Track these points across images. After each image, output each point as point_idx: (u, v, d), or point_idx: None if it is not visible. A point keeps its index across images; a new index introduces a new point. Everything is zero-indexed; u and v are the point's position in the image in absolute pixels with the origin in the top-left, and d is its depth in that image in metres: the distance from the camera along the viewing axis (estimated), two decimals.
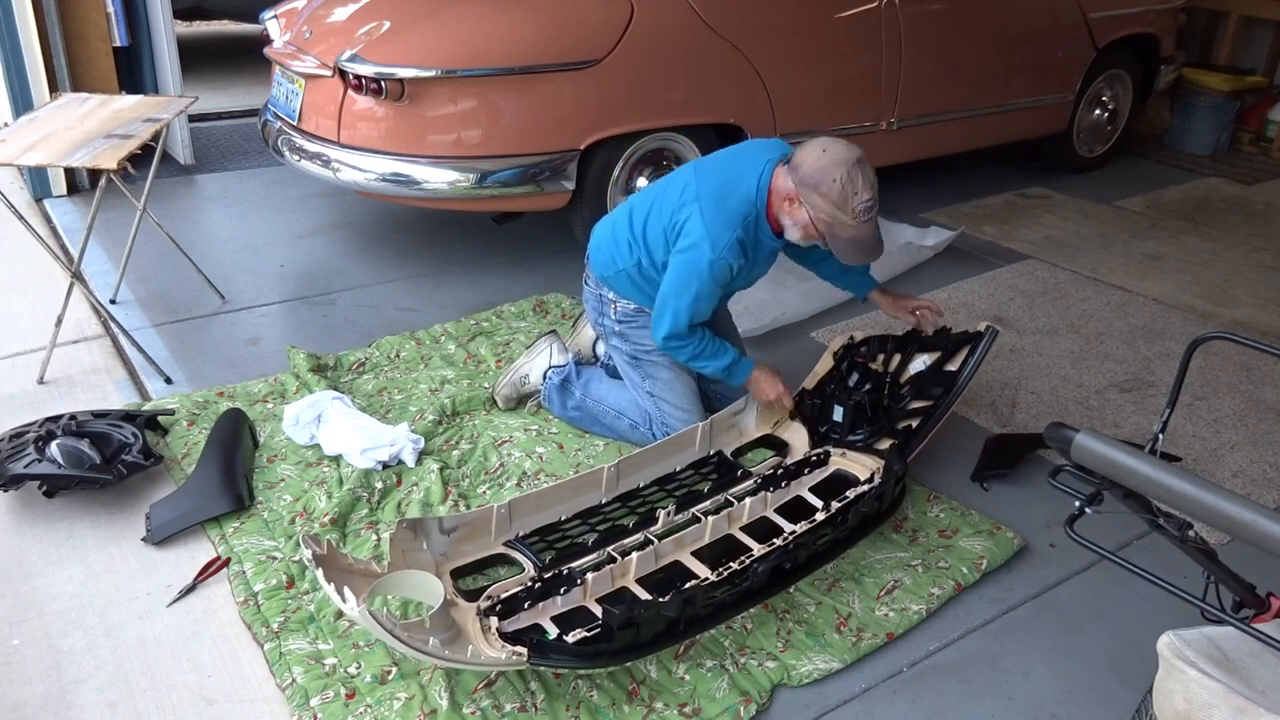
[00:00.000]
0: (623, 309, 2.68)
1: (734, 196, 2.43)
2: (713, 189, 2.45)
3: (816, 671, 2.04)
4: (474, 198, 3.51)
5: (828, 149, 2.33)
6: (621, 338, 2.71)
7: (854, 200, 2.30)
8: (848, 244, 2.38)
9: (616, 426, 2.76)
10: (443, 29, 3.50)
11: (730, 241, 2.40)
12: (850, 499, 2.37)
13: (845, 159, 2.31)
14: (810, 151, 2.34)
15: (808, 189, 2.32)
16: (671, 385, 2.69)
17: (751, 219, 2.42)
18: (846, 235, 2.36)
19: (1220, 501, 1.18)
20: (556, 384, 2.83)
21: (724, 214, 2.41)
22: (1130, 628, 2.22)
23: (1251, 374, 3.33)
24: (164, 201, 4.33)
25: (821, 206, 2.32)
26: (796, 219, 2.39)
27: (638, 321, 2.67)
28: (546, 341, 2.91)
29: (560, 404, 2.83)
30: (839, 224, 2.33)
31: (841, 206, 2.31)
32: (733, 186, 2.44)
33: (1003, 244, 4.39)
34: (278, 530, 2.38)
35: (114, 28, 4.56)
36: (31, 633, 2.07)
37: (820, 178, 2.30)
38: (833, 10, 4.02)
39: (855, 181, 2.30)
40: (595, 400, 2.77)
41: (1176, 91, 5.88)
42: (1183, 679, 1.28)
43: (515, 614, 2.05)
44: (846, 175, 2.29)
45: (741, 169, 2.47)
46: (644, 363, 2.70)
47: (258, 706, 1.93)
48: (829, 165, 2.30)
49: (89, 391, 2.94)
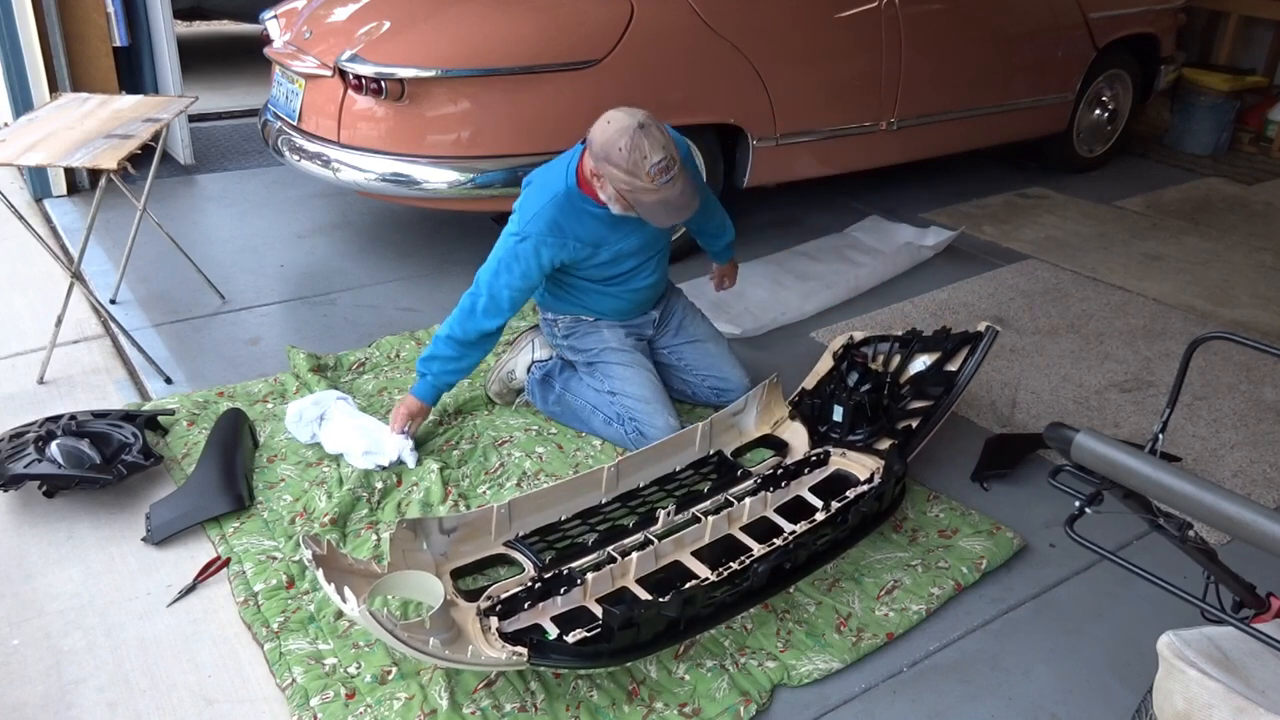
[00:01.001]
0: (563, 324, 2.81)
1: (544, 181, 2.56)
2: (543, 171, 2.60)
3: (816, 671, 2.04)
4: (474, 198, 3.51)
5: (611, 120, 2.38)
6: (571, 349, 2.82)
7: (645, 164, 2.33)
8: (654, 207, 2.42)
9: (591, 422, 2.77)
10: (443, 29, 3.50)
11: (533, 216, 2.50)
12: (850, 499, 2.37)
13: (627, 126, 2.34)
14: (597, 126, 2.40)
15: (601, 162, 2.39)
16: (628, 380, 2.72)
17: (560, 195, 2.50)
18: (650, 200, 2.39)
19: (1220, 501, 1.18)
20: (539, 379, 2.85)
21: (532, 197, 2.55)
22: (1130, 628, 2.22)
23: (1251, 374, 3.33)
24: (164, 201, 4.33)
25: (618, 177, 2.37)
26: (607, 193, 2.46)
27: (579, 330, 2.78)
28: (529, 336, 2.93)
29: (542, 399, 2.86)
30: (639, 189, 2.37)
31: (635, 173, 2.34)
32: (547, 172, 2.58)
33: (1003, 244, 4.39)
34: (278, 530, 2.38)
35: (114, 28, 4.56)
36: (31, 633, 2.07)
37: (609, 150, 2.35)
38: (833, 10, 4.02)
39: (641, 146, 2.32)
40: (574, 395, 2.79)
41: (1176, 91, 5.88)
42: (1183, 679, 1.28)
43: (515, 614, 2.05)
44: (631, 142, 2.32)
45: (555, 162, 2.60)
46: (597, 365, 2.77)
47: (258, 706, 1.93)
48: (613, 136, 2.34)
49: (89, 391, 2.94)
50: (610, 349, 2.75)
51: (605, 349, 2.75)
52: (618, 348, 2.76)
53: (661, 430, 2.65)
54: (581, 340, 2.79)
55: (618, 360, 2.74)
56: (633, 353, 2.77)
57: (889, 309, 3.69)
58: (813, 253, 4.12)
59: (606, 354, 2.75)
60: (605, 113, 2.42)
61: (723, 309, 3.48)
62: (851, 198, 4.77)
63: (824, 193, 4.78)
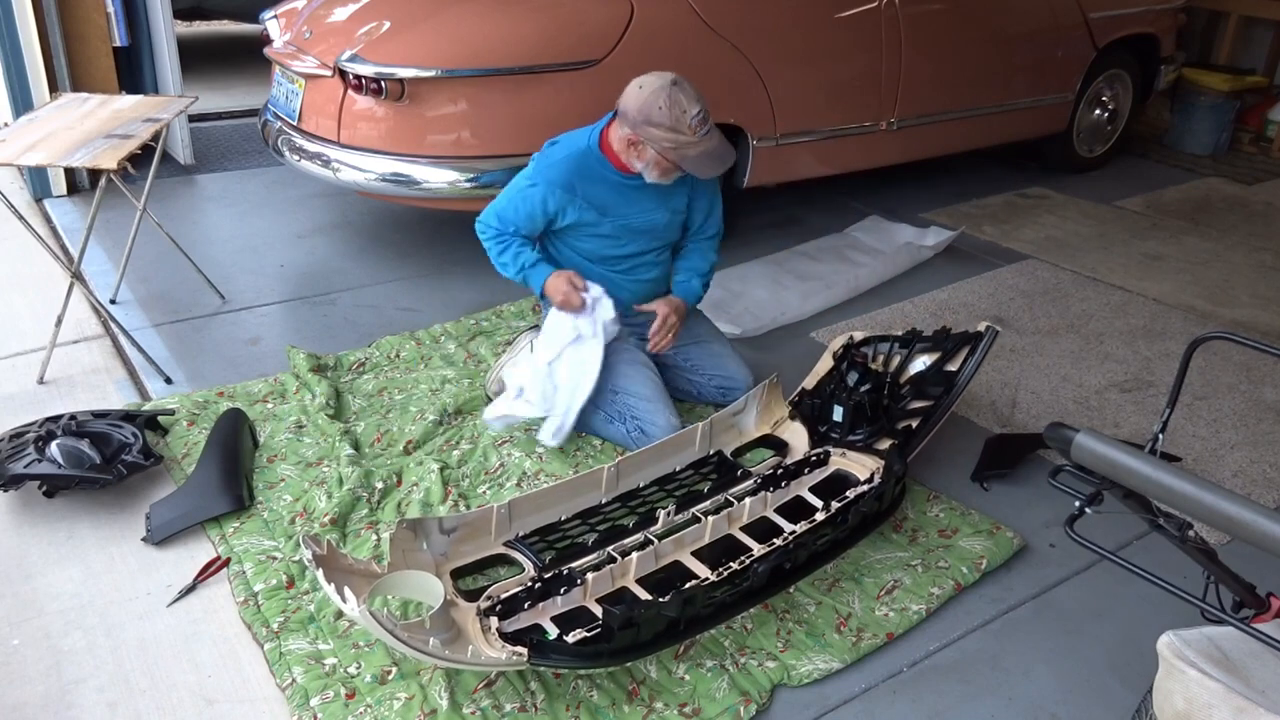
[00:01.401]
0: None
1: (567, 139, 2.65)
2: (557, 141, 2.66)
3: (816, 671, 2.04)
4: (474, 198, 3.50)
5: (643, 84, 2.47)
6: None
7: (686, 118, 2.43)
8: (699, 160, 2.50)
9: (592, 420, 2.76)
10: (442, 29, 3.50)
11: (548, 165, 2.58)
12: (850, 499, 2.37)
13: (661, 85, 2.44)
14: (628, 94, 2.49)
15: (642, 126, 2.46)
16: (630, 378, 2.72)
17: (580, 151, 2.58)
18: (695, 153, 2.48)
19: (1220, 501, 1.18)
20: None
21: (554, 148, 2.63)
22: (1130, 628, 2.22)
23: (1251, 374, 3.33)
24: (164, 201, 4.33)
25: (660, 136, 2.45)
26: (645, 159, 2.53)
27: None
28: (527, 336, 2.93)
29: None
30: (684, 144, 2.46)
31: (677, 128, 2.43)
32: (568, 136, 2.66)
33: (1003, 244, 4.39)
34: (278, 530, 2.38)
35: (114, 28, 4.56)
36: (31, 633, 2.07)
37: (648, 111, 2.43)
38: (833, 10, 4.02)
39: (680, 102, 2.42)
40: None
41: (1176, 91, 5.88)
42: (1183, 679, 1.28)
43: (515, 614, 2.05)
44: (669, 99, 2.42)
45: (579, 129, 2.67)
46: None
47: (258, 706, 1.93)
48: (650, 97, 2.44)
49: (89, 391, 2.94)
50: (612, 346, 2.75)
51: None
52: (620, 345, 2.75)
53: (663, 429, 2.65)
54: None
55: (619, 358, 2.74)
56: (635, 351, 2.77)
57: (889, 309, 3.69)
58: (813, 253, 4.12)
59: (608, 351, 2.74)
60: (631, 81, 2.49)
61: (723, 309, 3.48)
62: (851, 198, 4.77)
63: (824, 193, 4.78)
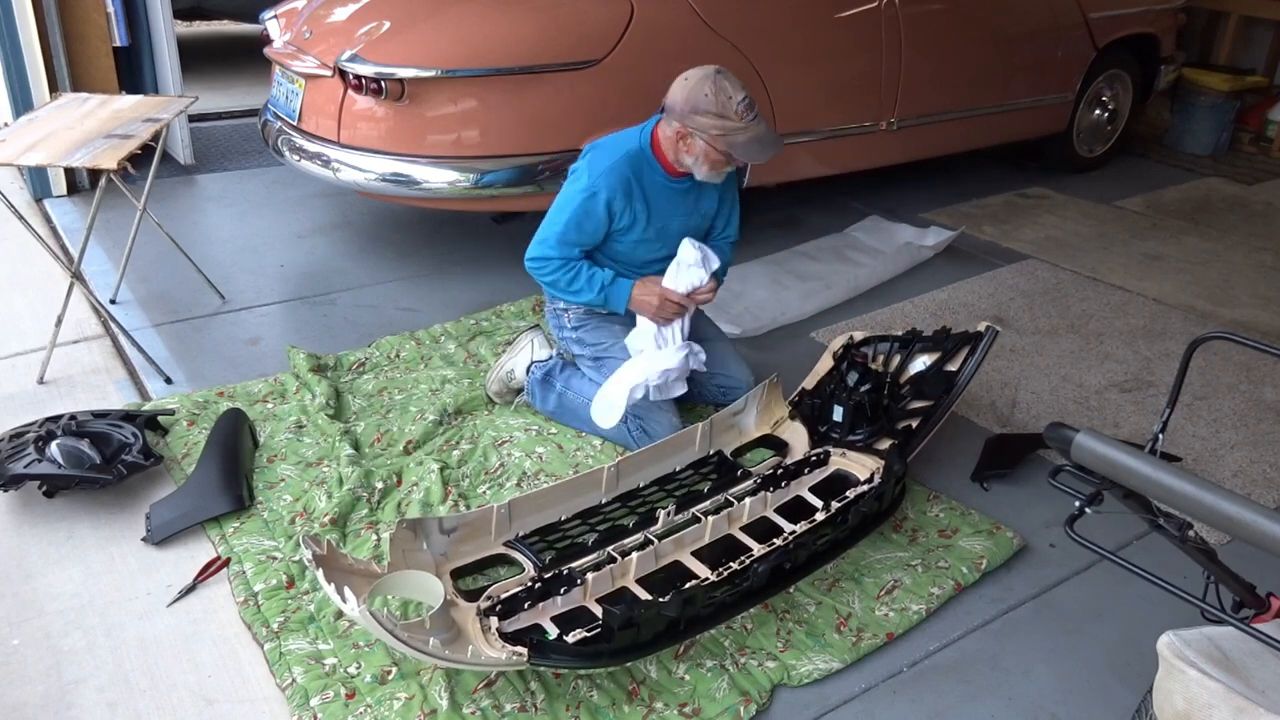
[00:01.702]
0: (575, 315, 2.80)
1: (616, 142, 2.64)
2: (600, 145, 2.67)
3: (816, 671, 2.04)
4: (474, 198, 3.51)
5: (687, 76, 2.51)
6: (580, 342, 2.81)
7: (732, 104, 2.46)
8: (749, 145, 2.51)
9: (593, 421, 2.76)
10: (442, 29, 3.50)
11: (606, 169, 2.55)
12: (850, 499, 2.37)
13: (706, 75, 2.48)
14: (674, 88, 2.53)
15: (689, 115, 2.48)
16: None
17: (634, 152, 2.59)
18: (743, 139, 2.50)
19: (1220, 501, 1.18)
20: (539, 378, 2.84)
21: (605, 152, 2.61)
22: (1130, 628, 2.22)
23: (1251, 374, 3.33)
24: (164, 201, 4.33)
25: (708, 124, 2.47)
26: (694, 151, 2.54)
27: (590, 323, 2.79)
28: (528, 336, 2.93)
29: (541, 399, 2.85)
30: (732, 130, 2.48)
31: (725, 114, 2.46)
32: (616, 138, 2.67)
33: (1003, 244, 4.39)
34: (278, 530, 2.38)
35: (114, 28, 4.56)
36: (31, 633, 2.07)
37: (695, 100, 2.47)
38: (833, 10, 4.02)
39: (724, 89, 2.46)
40: (575, 393, 2.79)
41: (1176, 91, 5.88)
42: (1183, 679, 1.28)
43: (515, 614, 2.05)
44: (715, 87, 2.46)
45: (627, 130, 2.68)
46: (606, 361, 2.76)
47: (258, 706, 1.93)
48: (695, 86, 2.48)
49: (89, 391, 2.94)
50: (620, 345, 2.75)
51: (615, 344, 2.75)
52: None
53: (666, 429, 2.65)
54: (592, 334, 2.78)
55: (626, 357, 2.73)
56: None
57: (889, 309, 3.69)
58: (813, 253, 4.12)
59: (616, 349, 2.75)
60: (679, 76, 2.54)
61: (723, 309, 3.48)
62: (851, 198, 4.77)
63: (824, 193, 4.78)
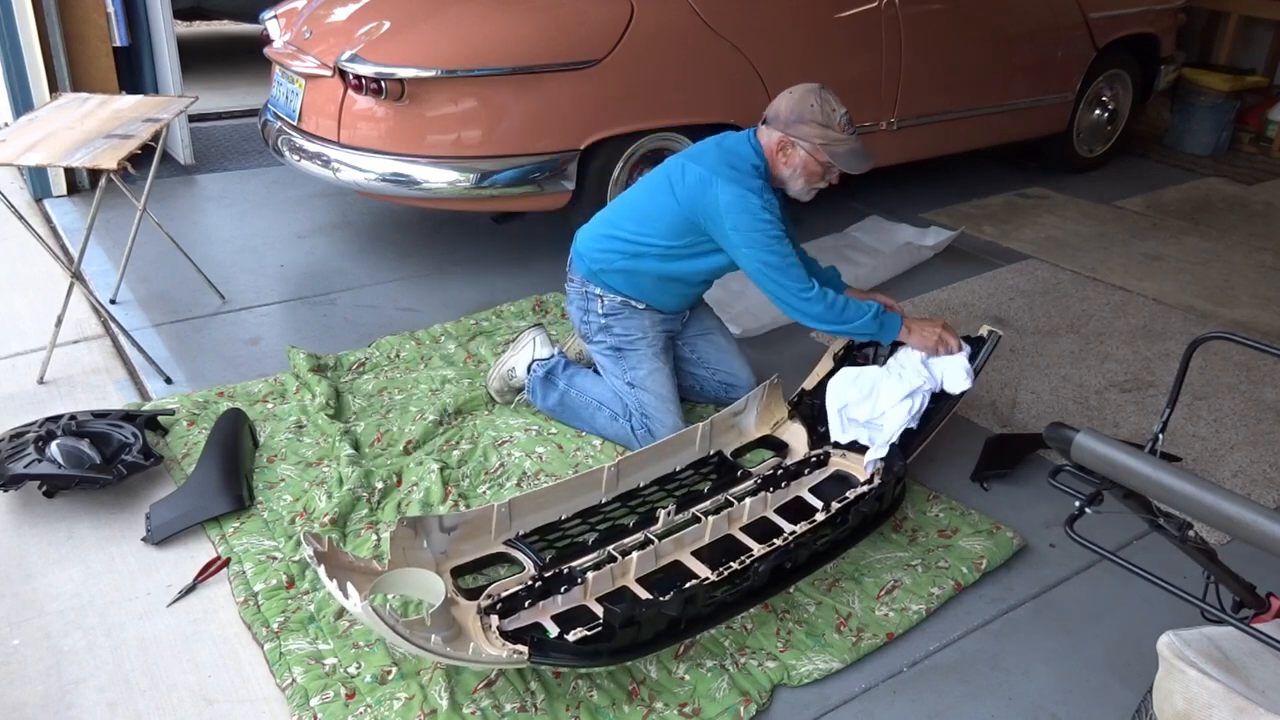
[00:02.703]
0: (609, 302, 2.76)
1: (740, 158, 2.60)
2: (720, 163, 2.59)
3: (816, 671, 2.04)
4: (474, 198, 3.51)
5: (793, 91, 2.59)
6: (605, 330, 2.77)
7: (835, 116, 2.55)
8: (849, 156, 2.59)
9: (595, 419, 2.76)
10: (442, 29, 3.50)
11: (761, 186, 2.57)
12: (850, 499, 2.37)
13: (811, 89, 2.57)
14: (780, 100, 2.60)
15: (795, 124, 2.55)
16: (653, 374, 2.73)
17: (763, 170, 2.60)
18: (844, 149, 2.58)
19: (1220, 501, 1.18)
20: (541, 376, 2.84)
21: (743, 170, 2.58)
22: (1130, 628, 2.22)
23: (1251, 374, 3.33)
24: (164, 201, 4.33)
25: (813, 133, 2.54)
26: (794, 162, 2.60)
27: (624, 313, 2.75)
28: (530, 334, 2.93)
29: (542, 396, 2.84)
30: (835, 141, 2.56)
31: (829, 124, 2.55)
32: (733, 154, 2.61)
33: (1003, 244, 4.39)
34: (278, 530, 2.38)
35: (114, 28, 4.56)
36: (31, 633, 2.07)
37: (801, 110, 2.55)
38: (833, 10, 4.02)
39: (829, 102, 2.56)
40: (578, 391, 2.79)
41: (1176, 91, 5.88)
42: (1183, 679, 1.28)
43: (516, 613, 2.06)
44: (820, 98, 2.55)
45: (730, 142, 2.65)
46: (626, 353, 2.75)
47: (258, 706, 1.93)
48: (800, 98, 2.56)
49: (89, 391, 2.94)
50: (646, 339, 2.75)
51: (642, 338, 2.75)
52: (653, 340, 2.76)
53: (670, 430, 2.65)
54: (622, 323, 2.75)
55: (650, 352, 2.74)
56: (662, 347, 2.78)
57: None
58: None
59: (640, 344, 2.74)
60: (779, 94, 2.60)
61: (723, 309, 3.47)
62: (851, 198, 4.77)
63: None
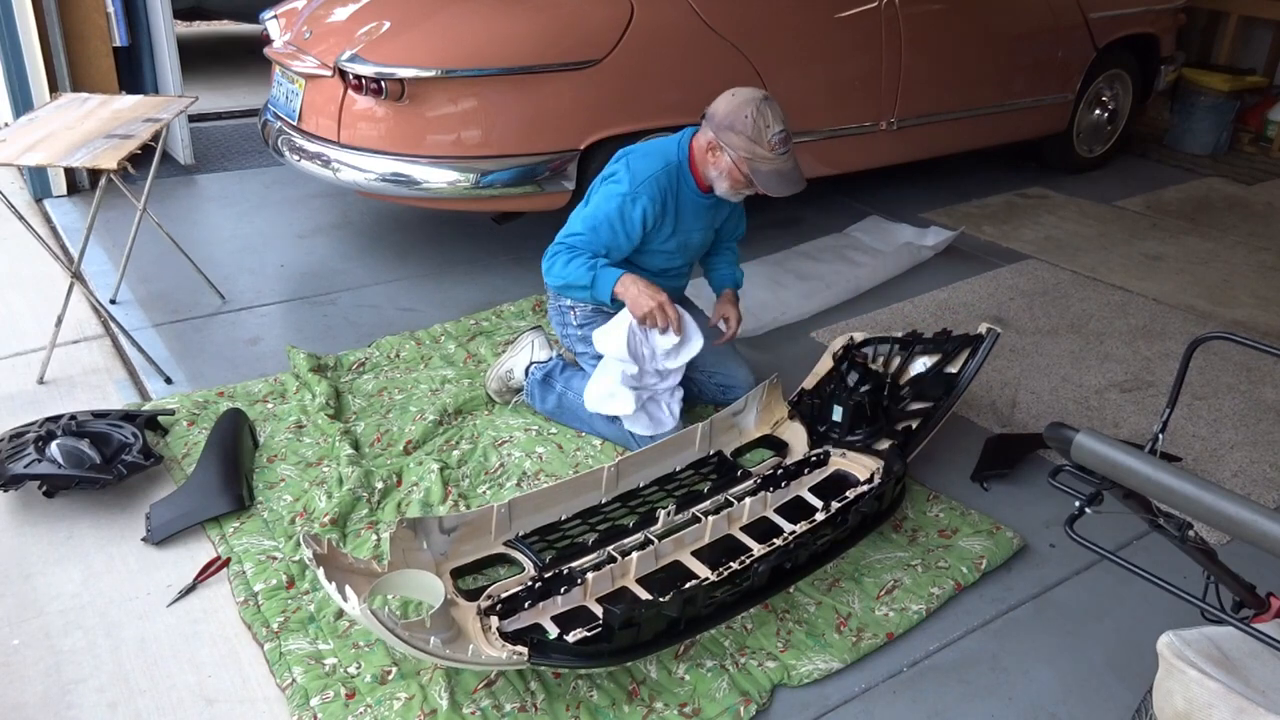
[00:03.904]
0: (582, 312, 2.79)
1: (655, 150, 2.65)
2: (638, 151, 2.67)
3: (816, 671, 2.04)
4: (474, 198, 3.51)
5: (736, 93, 2.53)
6: (584, 340, 2.79)
7: (768, 133, 2.48)
8: (770, 176, 2.53)
9: (594, 421, 2.76)
10: (442, 29, 3.50)
11: (648, 179, 2.57)
12: (850, 499, 2.37)
13: (753, 98, 2.50)
14: (721, 100, 2.55)
15: (724, 130, 2.51)
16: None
17: (673, 166, 2.60)
18: (767, 168, 2.52)
19: (1220, 501, 1.18)
20: (539, 379, 2.84)
21: (645, 160, 2.61)
22: (1130, 628, 2.22)
23: (1251, 374, 3.33)
24: (164, 201, 4.33)
25: (739, 144, 2.49)
26: (720, 166, 2.57)
27: (596, 321, 2.76)
28: (529, 336, 2.93)
29: (540, 399, 2.84)
30: (758, 158, 2.50)
31: (757, 140, 2.48)
32: (655, 146, 2.67)
33: (1003, 244, 4.39)
34: (278, 530, 2.38)
35: (114, 28, 4.56)
36: (31, 633, 2.07)
37: (733, 118, 2.49)
38: (833, 10, 4.02)
39: (765, 116, 2.48)
40: (575, 394, 2.78)
41: (1176, 91, 5.88)
42: (1183, 679, 1.28)
43: (515, 613, 2.05)
44: (756, 111, 2.47)
45: (664, 139, 2.70)
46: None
47: (258, 706, 1.93)
48: (739, 105, 2.49)
49: (89, 391, 2.94)
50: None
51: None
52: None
53: (669, 431, 2.65)
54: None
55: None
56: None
57: (889, 309, 3.69)
58: (813, 253, 4.12)
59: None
60: (727, 90, 2.56)
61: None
62: (851, 198, 4.77)
63: (824, 193, 4.78)
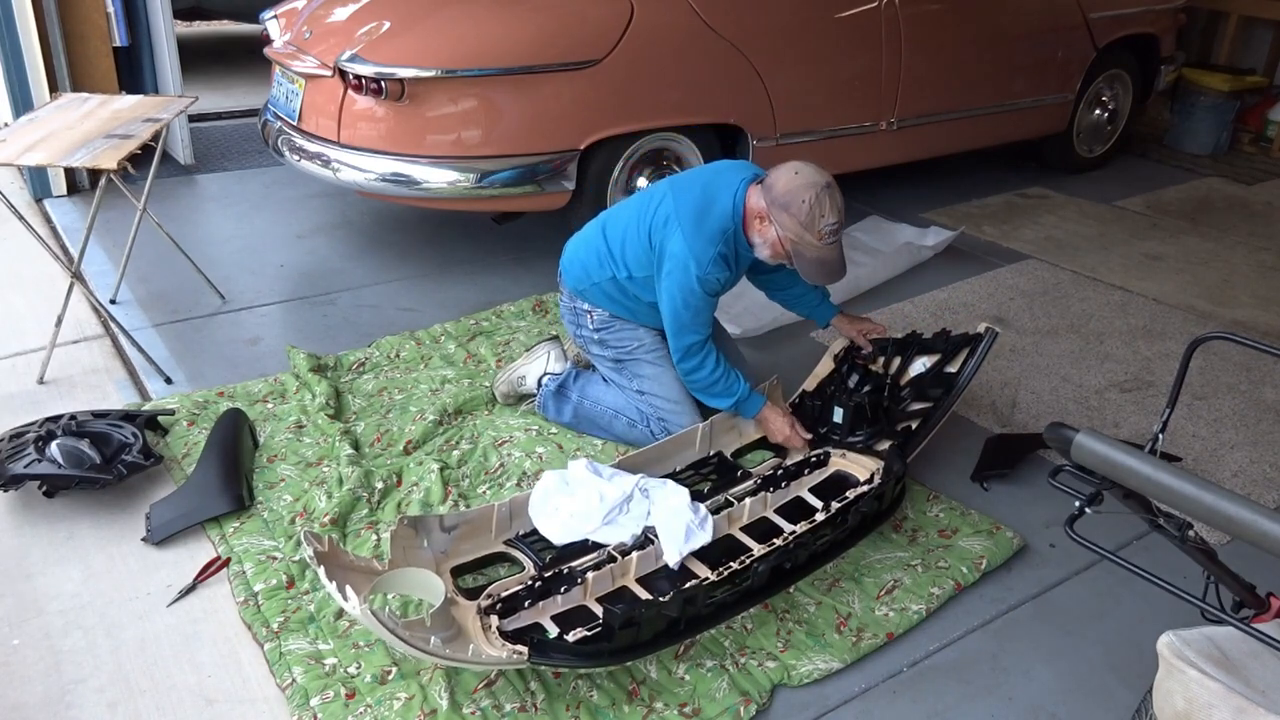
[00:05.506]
0: (598, 317, 2.77)
1: (712, 214, 2.51)
2: (691, 208, 2.52)
3: (816, 671, 2.04)
4: (474, 198, 3.51)
5: (800, 171, 2.43)
6: (601, 344, 2.79)
7: (820, 222, 2.39)
8: (811, 264, 2.47)
9: (614, 427, 2.76)
10: (442, 29, 3.50)
11: (714, 257, 2.48)
12: (850, 499, 2.37)
13: (815, 182, 2.40)
14: (783, 173, 2.44)
15: (778, 208, 2.42)
16: (658, 380, 2.73)
17: (730, 233, 2.50)
18: (811, 255, 2.44)
19: (1220, 501, 1.18)
20: (552, 390, 2.83)
21: (704, 232, 2.49)
22: (1130, 628, 2.22)
23: (1251, 374, 3.33)
24: (164, 201, 4.33)
25: (789, 226, 2.41)
26: (765, 237, 2.48)
27: (614, 326, 2.75)
28: (545, 347, 2.92)
29: (555, 410, 2.83)
30: (804, 244, 2.42)
31: (808, 227, 2.40)
32: (710, 204, 2.52)
33: (1003, 244, 4.39)
34: (278, 530, 2.38)
35: (114, 28, 4.56)
36: (31, 633, 2.07)
37: (790, 198, 2.40)
38: (833, 10, 4.02)
39: (823, 204, 2.39)
40: (593, 401, 2.78)
41: (1176, 91, 5.88)
42: (1183, 679, 1.28)
43: (516, 613, 2.06)
44: (815, 198, 2.38)
45: (717, 187, 2.54)
46: (627, 364, 2.75)
47: (258, 706, 1.93)
48: (800, 187, 2.40)
49: (89, 391, 2.94)
50: (644, 348, 2.75)
51: (639, 347, 2.75)
52: (650, 347, 2.75)
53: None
54: (615, 335, 2.76)
55: (650, 360, 2.74)
56: (661, 352, 2.76)
57: (889, 309, 3.69)
58: None
59: (640, 352, 2.75)
60: (791, 162, 2.46)
61: (722, 309, 3.45)
62: (851, 198, 4.72)
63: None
